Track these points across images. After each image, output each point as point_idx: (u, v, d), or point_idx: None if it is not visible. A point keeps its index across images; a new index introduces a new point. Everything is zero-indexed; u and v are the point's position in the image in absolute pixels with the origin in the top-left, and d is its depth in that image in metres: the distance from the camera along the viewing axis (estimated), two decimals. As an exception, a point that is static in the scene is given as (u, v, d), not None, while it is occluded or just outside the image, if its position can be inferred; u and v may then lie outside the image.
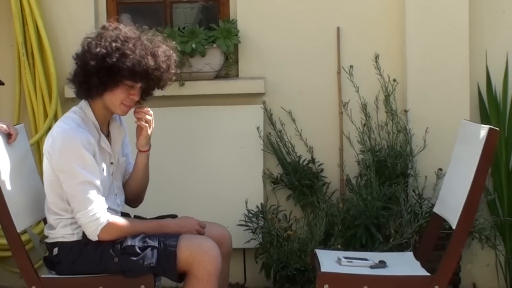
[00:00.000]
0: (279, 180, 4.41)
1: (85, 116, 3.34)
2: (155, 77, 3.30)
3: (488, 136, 3.21)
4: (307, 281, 4.14)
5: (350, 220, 4.15)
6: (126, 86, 3.28)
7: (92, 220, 3.22)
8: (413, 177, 4.28)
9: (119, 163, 3.47)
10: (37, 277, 3.30)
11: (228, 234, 3.55)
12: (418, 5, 4.31)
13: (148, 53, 3.27)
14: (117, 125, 3.47)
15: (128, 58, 3.22)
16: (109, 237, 3.24)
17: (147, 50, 3.27)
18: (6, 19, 4.43)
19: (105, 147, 3.37)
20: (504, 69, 4.39)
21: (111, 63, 3.22)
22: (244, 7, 4.44)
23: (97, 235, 3.22)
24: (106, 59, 3.22)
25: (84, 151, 3.22)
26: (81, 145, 3.21)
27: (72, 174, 3.21)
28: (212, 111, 4.40)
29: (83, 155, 3.22)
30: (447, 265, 3.29)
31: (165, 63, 3.32)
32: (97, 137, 3.34)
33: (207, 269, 3.19)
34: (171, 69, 3.37)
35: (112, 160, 3.41)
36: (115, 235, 3.25)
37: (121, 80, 3.26)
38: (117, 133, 3.46)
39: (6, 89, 4.40)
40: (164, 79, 3.35)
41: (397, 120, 4.32)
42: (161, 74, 3.32)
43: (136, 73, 3.24)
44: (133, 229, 3.28)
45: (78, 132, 3.24)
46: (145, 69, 3.25)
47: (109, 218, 3.24)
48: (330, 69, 4.44)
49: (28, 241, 4.04)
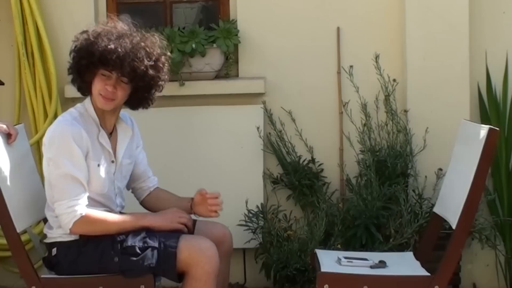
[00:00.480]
0: (279, 180, 4.41)
1: (85, 112, 3.36)
2: (135, 67, 3.24)
3: (488, 136, 3.21)
4: (307, 281, 4.14)
5: (350, 220, 4.15)
6: (101, 76, 3.27)
7: (66, 212, 3.22)
8: (413, 177, 4.28)
9: (122, 165, 3.45)
10: (37, 277, 3.30)
11: (229, 233, 3.55)
12: (418, 5, 4.31)
13: (127, 43, 3.25)
14: (124, 125, 3.46)
15: (99, 45, 3.23)
16: (80, 231, 3.24)
17: (128, 41, 3.26)
18: (6, 19, 4.43)
19: (104, 143, 3.36)
20: (504, 69, 4.39)
21: (84, 51, 3.26)
22: (244, 7, 4.44)
23: (69, 228, 3.23)
24: (82, 49, 3.27)
25: (73, 144, 3.22)
26: (71, 138, 3.23)
27: (57, 164, 3.23)
28: (212, 111, 4.40)
29: (71, 148, 3.23)
30: (447, 265, 3.29)
31: (150, 55, 3.28)
32: (96, 132, 3.34)
33: (205, 269, 3.19)
34: (160, 64, 3.33)
35: (113, 159, 3.40)
36: (88, 230, 3.25)
37: (95, 69, 3.26)
38: (122, 134, 3.45)
39: (6, 89, 4.40)
40: (151, 75, 3.29)
41: (397, 120, 4.32)
42: (142, 66, 3.25)
43: (108, 61, 3.23)
44: (107, 228, 3.26)
45: (71, 125, 3.26)
46: (120, 57, 3.22)
47: (84, 213, 3.22)
48: (330, 69, 4.44)
49: (28, 241, 4.04)
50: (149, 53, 3.29)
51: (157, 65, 3.32)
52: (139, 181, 3.59)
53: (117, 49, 3.22)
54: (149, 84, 3.34)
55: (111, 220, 3.29)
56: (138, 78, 3.28)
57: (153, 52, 3.32)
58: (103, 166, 3.34)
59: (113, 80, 3.28)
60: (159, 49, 3.36)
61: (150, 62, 3.28)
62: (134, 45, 3.27)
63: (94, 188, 3.32)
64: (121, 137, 3.45)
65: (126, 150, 3.46)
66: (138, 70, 3.25)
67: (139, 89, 3.34)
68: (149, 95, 3.41)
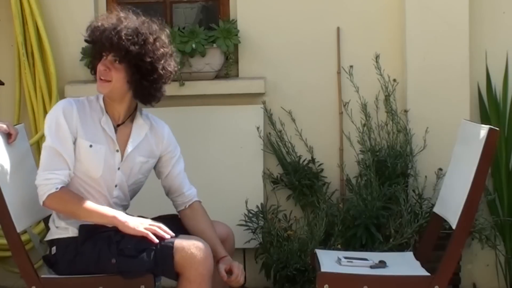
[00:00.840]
0: (279, 180, 4.41)
1: (95, 99, 3.40)
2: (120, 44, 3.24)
3: (488, 136, 3.21)
4: (307, 281, 4.14)
5: (350, 220, 4.15)
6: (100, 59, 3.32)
7: (44, 184, 3.25)
8: (413, 177, 4.29)
9: (134, 161, 3.41)
10: (37, 277, 3.29)
11: (231, 233, 3.56)
12: (418, 5, 4.31)
13: (113, 20, 3.28)
14: (141, 122, 3.44)
15: (99, 29, 3.27)
16: (52, 206, 3.28)
17: (117, 21, 3.28)
18: (6, 19, 4.43)
19: (107, 129, 3.35)
20: (504, 69, 4.39)
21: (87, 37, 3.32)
22: (244, 7, 4.44)
23: (42, 200, 3.26)
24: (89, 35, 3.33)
25: (62, 119, 3.28)
26: (61, 113, 3.30)
27: (46, 137, 3.31)
28: (212, 111, 4.40)
29: (59, 123, 3.28)
30: (447, 265, 3.29)
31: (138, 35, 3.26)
32: (99, 117, 3.36)
33: (199, 271, 3.17)
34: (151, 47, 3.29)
35: (117, 148, 3.38)
36: (58, 207, 3.28)
37: (96, 53, 3.32)
38: (137, 129, 3.43)
39: (6, 89, 4.40)
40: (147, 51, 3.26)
41: (397, 120, 4.32)
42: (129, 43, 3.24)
43: (94, 38, 3.28)
44: (77, 211, 3.24)
45: (66, 102, 3.35)
46: (102, 32, 3.25)
47: (59, 188, 3.24)
48: (330, 69, 4.44)
49: (28, 241, 4.04)
50: (139, 33, 3.27)
51: (147, 47, 3.28)
52: (174, 194, 3.55)
53: (103, 25, 3.27)
54: (147, 70, 3.29)
55: (83, 205, 3.26)
56: (129, 57, 3.26)
57: (144, 32, 3.29)
58: (99, 149, 3.32)
59: (106, 61, 3.29)
60: (155, 34, 3.33)
61: (137, 40, 3.25)
62: (121, 23, 3.28)
63: (85, 169, 3.31)
64: (135, 132, 3.43)
65: (140, 147, 3.42)
66: (123, 46, 3.24)
67: (138, 76, 3.29)
68: (152, 85, 3.33)
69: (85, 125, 3.31)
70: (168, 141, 3.51)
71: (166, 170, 3.52)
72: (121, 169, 3.39)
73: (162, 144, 3.49)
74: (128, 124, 3.42)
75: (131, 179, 3.44)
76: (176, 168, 3.53)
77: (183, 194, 3.53)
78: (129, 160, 3.40)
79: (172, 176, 3.52)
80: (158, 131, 3.49)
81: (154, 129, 3.48)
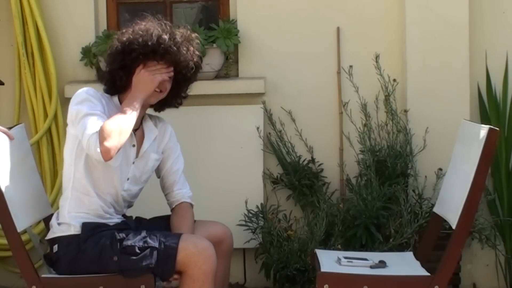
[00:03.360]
0: (279, 180, 4.41)
1: (109, 99, 3.40)
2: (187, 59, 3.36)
3: (488, 136, 3.21)
4: (307, 281, 4.14)
5: (350, 220, 4.15)
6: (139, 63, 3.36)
7: (87, 139, 3.17)
8: (413, 177, 4.29)
9: (149, 157, 3.45)
10: (37, 277, 3.30)
11: (229, 232, 3.56)
12: (418, 5, 4.31)
13: (176, 35, 3.37)
14: (151, 125, 3.50)
15: (151, 34, 3.34)
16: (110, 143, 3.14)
17: (176, 33, 3.38)
18: (6, 19, 4.43)
19: None
20: (504, 69, 4.39)
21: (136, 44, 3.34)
22: (244, 7, 4.44)
23: (98, 148, 3.14)
24: (133, 41, 3.36)
25: (93, 99, 3.26)
26: (87, 93, 3.27)
27: (76, 116, 3.23)
28: (212, 111, 4.40)
29: (91, 100, 3.26)
30: (447, 265, 3.29)
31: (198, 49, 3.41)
32: (117, 112, 3.33)
33: (203, 269, 3.19)
34: (190, 49, 3.40)
35: (134, 143, 3.40)
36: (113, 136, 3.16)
37: (142, 61, 3.34)
38: (148, 131, 3.48)
39: (6, 89, 4.40)
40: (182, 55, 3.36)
41: (397, 120, 4.32)
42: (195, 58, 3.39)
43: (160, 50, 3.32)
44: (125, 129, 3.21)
45: (91, 88, 3.32)
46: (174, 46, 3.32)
47: (98, 128, 3.17)
48: (330, 69, 4.44)
49: (28, 241, 4.04)
50: (200, 58, 3.45)
51: (198, 71, 3.48)
52: (166, 191, 3.58)
53: (175, 38, 3.34)
54: (185, 88, 3.50)
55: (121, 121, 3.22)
56: (185, 70, 3.39)
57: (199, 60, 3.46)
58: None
59: (171, 74, 3.37)
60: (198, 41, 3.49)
61: (199, 64, 3.44)
62: (185, 37, 3.38)
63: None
64: (148, 133, 3.48)
65: (153, 144, 3.49)
66: (186, 61, 3.37)
67: (176, 92, 3.46)
68: (180, 99, 3.58)
69: (109, 111, 3.32)
70: (170, 137, 3.57)
71: (164, 166, 3.56)
72: (136, 164, 3.42)
73: (164, 140, 3.55)
74: (141, 127, 3.48)
75: (144, 175, 3.48)
76: (174, 166, 3.56)
77: (173, 192, 3.55)
78: (145, 156, 3.45)
79: (168, 172, 3.55)
80: (162, 128, 3.55)
81: (159, 126, 3.54)
